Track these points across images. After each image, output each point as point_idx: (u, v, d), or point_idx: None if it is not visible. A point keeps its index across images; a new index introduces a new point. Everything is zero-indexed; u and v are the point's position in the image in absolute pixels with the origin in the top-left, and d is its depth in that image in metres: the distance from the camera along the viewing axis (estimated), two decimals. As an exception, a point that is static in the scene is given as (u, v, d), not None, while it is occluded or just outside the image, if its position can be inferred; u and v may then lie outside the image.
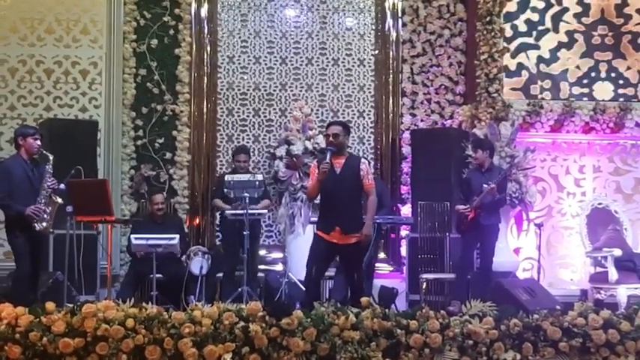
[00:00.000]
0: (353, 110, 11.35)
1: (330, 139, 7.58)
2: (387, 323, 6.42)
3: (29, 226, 7.71)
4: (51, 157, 7.92)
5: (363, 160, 7.97)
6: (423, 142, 10.67)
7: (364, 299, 6.70)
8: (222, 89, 11.24)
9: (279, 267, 10.07)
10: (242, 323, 6.25)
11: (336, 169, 7.51)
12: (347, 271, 7.85)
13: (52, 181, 7.84)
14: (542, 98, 10.97)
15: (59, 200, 7.88)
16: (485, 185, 8.72)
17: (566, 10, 11.21)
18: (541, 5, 11.18)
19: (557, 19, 11.20)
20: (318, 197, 7.79)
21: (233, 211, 8.97)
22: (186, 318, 6.27)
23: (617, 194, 11.01)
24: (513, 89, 11.03)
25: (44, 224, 7.76)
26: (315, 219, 8.12)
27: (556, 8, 11.20)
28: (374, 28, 11.45)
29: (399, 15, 11.28)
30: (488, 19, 10.64)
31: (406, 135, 11.05)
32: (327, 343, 6.24)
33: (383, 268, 10.63)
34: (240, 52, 11.30)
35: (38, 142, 7.89)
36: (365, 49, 11.43)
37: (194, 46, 11.03)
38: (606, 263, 9.34)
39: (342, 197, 7.49)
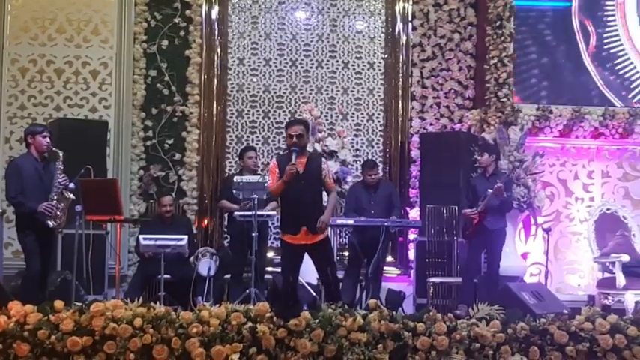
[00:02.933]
0: (362, 113, 11.37)
1: (294, 140, 7.52)
2: (394, 325, 6.43)
3: (39, 224, 7.74)
4: (61, 154, 7.93)
5: (323, 159, 8.02)
6: (432, 146, 10.69)
7: (371, 301, 6.72)
8: (231, 91, 11.27)
9: (286, 269, 10.08)
10: (250, 324, 6.26)
11: (298, 169, 7.49)
12: (319, 268, 7.81)
13: (63, 177, 7.87)
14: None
15: (71, 196, 7.90)
16: (489, 190, 8.73)
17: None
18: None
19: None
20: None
21: (241, 213, 8.96)
22: (194, 318, 6.28)
23: (625, 200, 11.01)
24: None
25: (57, 221, 7.81)
26: None
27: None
28: (384, 31, 11.47)
29: (410, 19, 11.29)
30: (498, 23, 10.67)
31: (415, 138, 11.06)
32: (334, 344, 6.24)
33: (391, 271, 10.61)
34: (250, 54, 11.34)
35: (47, 140, 7.91)
36: (375, 53, 11.44)
37: (204, 48, 11.06)
38: (614, 269, 9.35)
39: (307, 197, 7.52)
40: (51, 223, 7.76)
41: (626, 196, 11.09)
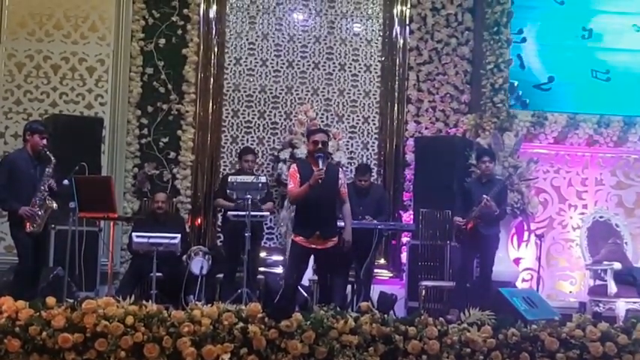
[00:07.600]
0: (358, 116, 11.36)
1: (320, 145, 7.74)
2: (386, 329, 6.45)
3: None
4: (53, 160, 7.90)
5: (340, 169, 8.34)
6: (427, 150, 10.67)
7: (363, 304, 6.74)
8: (228, 90, 11.25)
9: (279, 269, 10.08)
10: (241, 324, 6.28)
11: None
12: (320, 273, 8.09)
13: (50, 182, 7.84)
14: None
15: (54, 205, 7.86)
16: (485, 196, 8.72)
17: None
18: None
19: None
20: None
21: (235, 212, 8.96)
22: (185, 317, 6.29)
23: (618, 208, 11.03)
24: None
25: (34, 226, 7.77)
26: None
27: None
28: (381, 34, 11.46)
29: (407, 22, 11.28)
30: (495, 29, 10.67)
31: (410, 142, 11.05)
32: (325, 346, 6.27)
33: (383, 274, 10.64)
34: (247, 54, 11.32)
35: (44, 142, 7.92)
36: (372, 56, 11.44)
37: (201, 47, 11.04)
38: (606, 276, 9.36)
39: (323, 203, 7.71)
40: (28, 228, 7.75)
41: (619, 204, 11.12)
